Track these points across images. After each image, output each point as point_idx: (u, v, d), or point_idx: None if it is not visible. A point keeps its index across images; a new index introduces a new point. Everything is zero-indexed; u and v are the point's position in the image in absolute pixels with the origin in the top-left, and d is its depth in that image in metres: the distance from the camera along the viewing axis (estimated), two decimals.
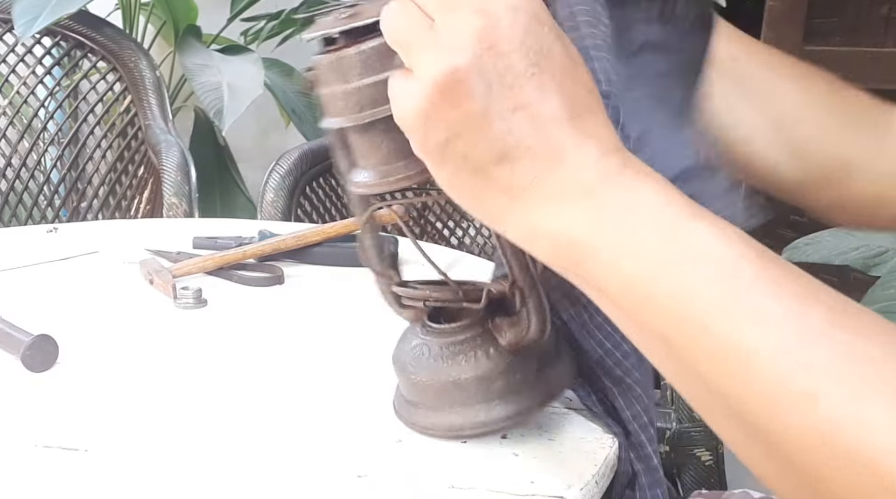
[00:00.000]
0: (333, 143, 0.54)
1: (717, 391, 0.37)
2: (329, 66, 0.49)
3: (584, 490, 0.51)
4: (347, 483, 0.51)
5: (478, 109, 0.40)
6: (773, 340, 0.35)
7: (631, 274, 0.39)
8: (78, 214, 1.58)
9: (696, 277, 0.37)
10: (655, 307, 0.39)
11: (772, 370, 0.35)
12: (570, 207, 0.40)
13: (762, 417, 0.35)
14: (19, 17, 1.52)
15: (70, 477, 0.52)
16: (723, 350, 0.36)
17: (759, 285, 0.36)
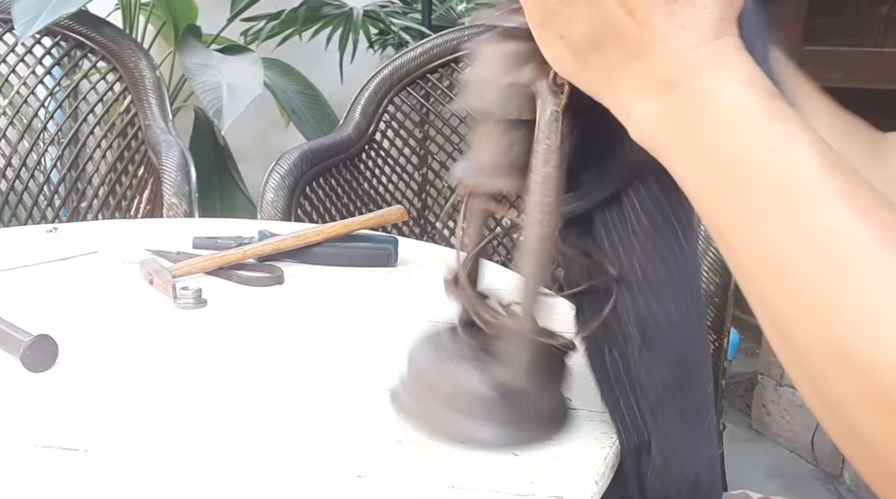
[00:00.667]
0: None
1: (753, 286, 0.39)
2: (480, 53, 0.52)
3: (584, 490, 0.51)
4: (347, 483, 0.51)
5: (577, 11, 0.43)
6: (811, 252, 0.36)
7: (698, 172, 0.41)
8: (78, 214, 1.58)
9: (755, 183, 0.38)
10: (717, 204, 0.40)
11: (806, 278, 0.36)
12: (654, 97, 0.42)
13: (787, 318, 0.37)
14: (19, 17, 1.52)
15: (70, 477, 0.52)
16: (766, 254, 0.38)
17: (816, 196, 0.37)
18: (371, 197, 1.55)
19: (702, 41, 0.41)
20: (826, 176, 0.37)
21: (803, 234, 0.37)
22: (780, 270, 0.37)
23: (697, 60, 0.41)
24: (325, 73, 2.40)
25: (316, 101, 2.34)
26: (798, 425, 2.08)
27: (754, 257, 0.39)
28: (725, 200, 0.40)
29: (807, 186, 0.37)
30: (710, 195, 0.41)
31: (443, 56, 1.60)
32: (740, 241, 0.39)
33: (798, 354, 0.37)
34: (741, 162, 0.39)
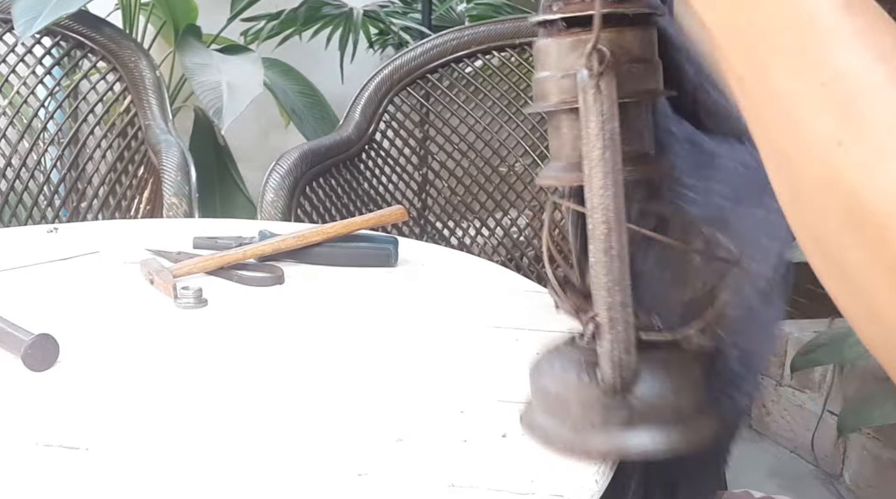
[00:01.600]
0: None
1: (767, 140, 0.39)
2: (536, 51, 0.53)
3: (584, 489, 0.51)
4: (347, 482, 0.51)
5: None
6: (825, 92, 0.36)
7: (723, 11, 0.40)
8: (78, 214, 1.58)
9: (774, 20, 0.38)
10: (738, 46, 0.40)
11: (815, 120, 0.36)
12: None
13: (788, 154, 0.37)
14: (19, 17, 1.52)
15: (71, 476, 0.52)
16: (778, 95, 0.38)
17: (834, 38, 0.36)
18: (371, 197, 1.55)
19: None
20: (847, 17, 0.36)
21: (815, 73, 0.36)
22: (792, 110, 0.37)
23: None
24: (325, 73, 2.40)
25: (316, 101, 2.35)
26: (798, 425, 2.08)
27: (769, 100, 0.38)
28: (746, 40, 0.39)
29: (825, 25, 0.37)
30: (732, 37, 0.40)
31: (443, 56, 1.60)
32: (757, 83, 0.39)
33: (800, 198, 0.37)
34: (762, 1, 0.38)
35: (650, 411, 0.50)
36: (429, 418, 0.59)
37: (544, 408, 0.54)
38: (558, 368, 0.53)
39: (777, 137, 0.38)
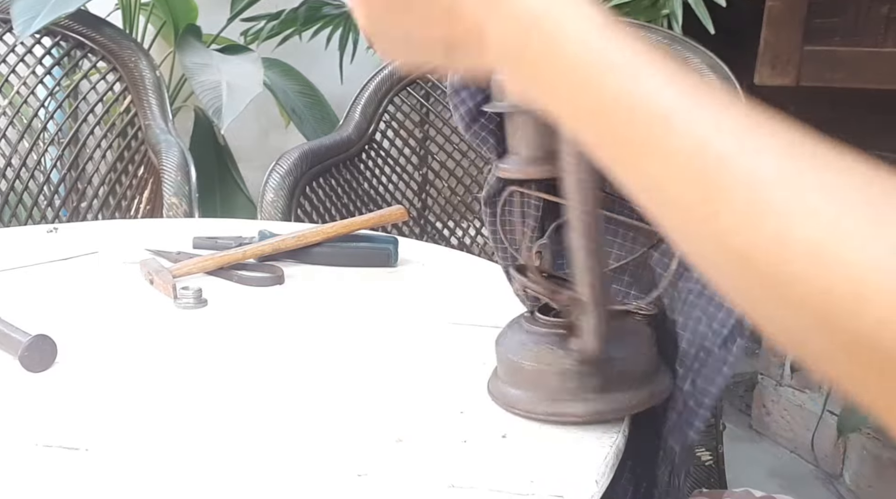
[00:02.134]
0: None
1: (650, 210, 0.40)
2: None
3: (584, 490, 0.51)
4: (347, 482, 0.51)
5: (403, 39, 0.46)
6: (685, 174, 0.37)
7: (574, 126, 0.42)
8: (78, 214, 1.58)
9: (620, 125, 0.39)
10: (597, 150, 0.41)
11: (684, 198, 0.37)
12: (513, 69, 0.43)
13: (679, 230, 0.39)
14: (18, 17, 1.52)
15: (70, 476, 0.52)
16: (647, 184, 0.39)
17: (673, 123, 0.38)
18: (371, 197, 1.55)
19: (518, 3, 0.42)
20: (676, 98, 0.39)
21: (672, 159, 0.38)
22: (662, 195, 0.38)
23: (529, 15, 0.42)
24: (325, 73, 2.40)
25: (316, 101, 2.34)
26: (798, 425, 2.08)
27: (640, 184, 0.40)
28: (602, 144, 0.41)
29: (663, 113, 0.38)
30: (590, 142, 0.42)
31: None
32: (624, 174, 0.40)
33: (688, 247, 0.39)
34: (603, 108, 0.40)
35: (620, 375, 0.57)
36: (428, 418, 0.59)
37: (518, 382, 0.59)
38: (530, 343, 0.58)
39: (656, 213, 0.39)
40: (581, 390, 0.57)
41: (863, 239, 0.33)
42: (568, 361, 0.56)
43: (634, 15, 1.91)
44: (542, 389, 0.58)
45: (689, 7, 1.91)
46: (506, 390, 0.60)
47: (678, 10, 1.91)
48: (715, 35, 1.83)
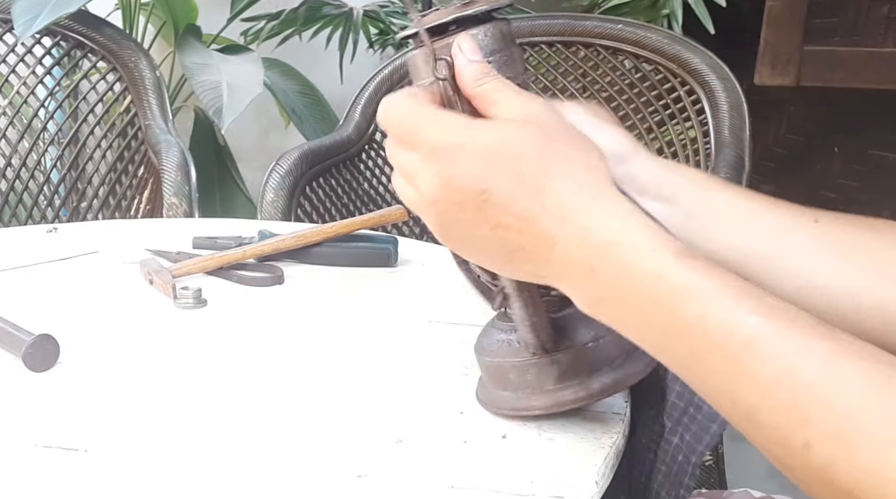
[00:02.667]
0: None
1: (741, 429, 0.42)
2: (411, 62, 0.55)
3: (584, 490, 0.51)
4: (347, 483, 0.51)
5: (470, 237, 0.48)
6: (769, 401, 0.39)
7: (648, 343, 0.45)
8: (78, 214, 1.58)
9: (698, 347, 0.42)
10: (676, 367, 0.44)
11: (772, 424, 0.39)
12: (582, 285, 0.46)
13: (776, 458, 0.41)
14: (18, 17, 1.52)
15: (70, 477, 0.52)
16: (734, 407, 0.41)
17: (754, 348, 0.40)
18: (371, 197, 1.55)
19: (592, 220, 0.45)
20: (755, 325, 0.40)
21: (753, 384, 0.40)
22: (750, 419, 0.41)
23: (597, 240, 0.45)
24: (325, 73, 2.40)
25: (316, 101, 2.34)
26: None
27: (726, 407, 0.42)
28: (681, 362, 0.44)
29: (742, 339, 0.40)
30: (666, 359, 0.45)
31: None
32: (707, 393, 0.43)
33: (791, 476, 0.41)
34: (679, 330, 0.42)
35: (578, 363, 0.55)
36: (428, 418, 0.59)
37: (490, 380, 0.59)
38: (494, 341, 0.58)
39: (750, 434, 0.41)
40: (539, 382, 0.56)
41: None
42: (524, 354, 0.56)
43: (634, 15, 1.91)
44: (506, 385, 0.58)
45: (689, 7, 1.91)
46: (485, 391, 0.60)
47: (678, 10, 1.91)
48: (715, 35, 1.83)
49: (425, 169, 0.48)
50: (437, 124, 0.48)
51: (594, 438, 0.56)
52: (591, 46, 1.48)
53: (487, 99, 0.49)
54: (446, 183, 0.47)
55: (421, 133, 0.48)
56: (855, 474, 0.37)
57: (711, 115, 1.35)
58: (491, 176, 0.46)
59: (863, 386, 0.38)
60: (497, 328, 0.59)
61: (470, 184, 0.47)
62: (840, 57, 2.03)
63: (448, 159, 0.47)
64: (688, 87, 1.39)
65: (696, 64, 1.38)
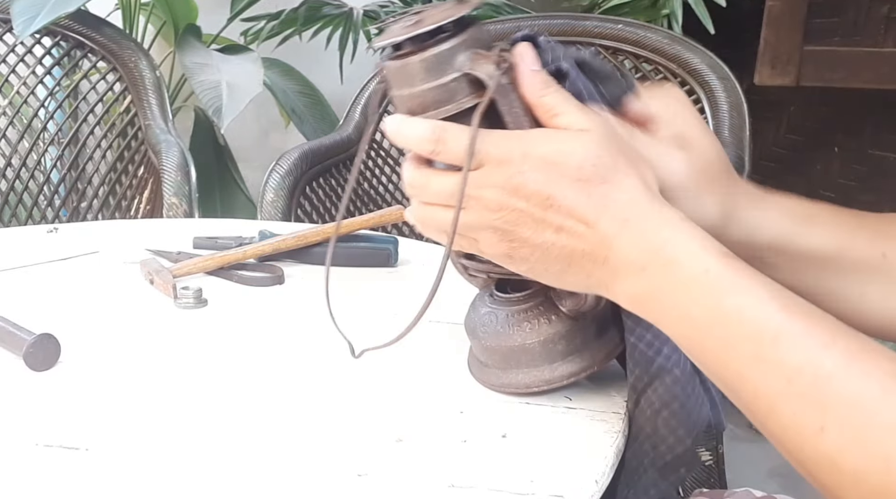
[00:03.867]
0: None
1: (755, 420, 0.46)
2: (396, 71, 0.54)
3: (584, 489, 0.51)
4: (347, 482, 0.51)
5: (531, 248, 0.51)
6: (791, 388, 0.43)
7: (684, 335, 0.49)
8: (78, 214, 1.58)
9: (733, 336, 0.46)
10: (706, 359, 0.48)
11: (790, 410, 0.43)
12: (633, 280, 0.50)
13: (789, 445, 0.44)
14: (18, 17, 1.52)
15: (71, 476, 0.52)
16: (755, 396, 0.45)
17: (782, 340, 0.44)
18: (371, 197, 1.55)
19: (650, 223, 0.49)
20: (786, 319, 0.44)
21: (778, 372, 0.43)
22: (770, 407, 0.44)
23: (654, 241, 0.49)
24: (325, 73, 2.40)
25: (316, 101, 2.34)
26: None
27: (748, 396, 0.45)
28: (712, 353, 0.47)
29: (773, 331, 0.44)
30: (698, 351, 0.49)
31: None
32: (733, 384, 0.46)
33: (800, 464, 0.44)
34: (715, 321, 0.47)
35: (568, 349, 0.59)
36: (428, 418, 0.59)
37: (501, 361, 0.61)
38: (487, 320, 0.61)
39: (766, 427, 0.45)
40: (549, 359, 0.59)
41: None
42: (532, 335, 0.59)
43: (634, 15, 1.91)
44: (510, 363, 0.60)
45: (689, 7, 1.91)
46: (480, 367, 0.63)
47: (678, 10, 1.91)
48: (715, 35, 1.83)
49: (490, 180, 0.51)
50: (497, 138, 0.51)
51: (594, 437, 0.56)
52: (591, 46, 1.48)
53: (550, 111, 0.52)
54: (513, 190, 0.50)
55: (483, 149, 0.51)
56: (863, 458, 0.39)
57: (711, 116, 1.35)
58: (555, 182, 0.50)
59: (879, 377, 0.41)
60: (488, 308, 0.61)
61: (536, 190, 0.50)
62: (840, 57, 2.03)
63: (516, 169, 0.50)
64: (688, 87, 1.39)
65: (696, 64, 1.38)
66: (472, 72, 0.52)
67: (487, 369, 0.62)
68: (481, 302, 0.62)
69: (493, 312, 0.61)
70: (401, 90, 0.54)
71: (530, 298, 0.59)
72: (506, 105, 0.52)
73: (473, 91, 0.53)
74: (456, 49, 0.52)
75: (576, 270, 0.51)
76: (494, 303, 0.61)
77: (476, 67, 0.52)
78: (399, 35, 0.52)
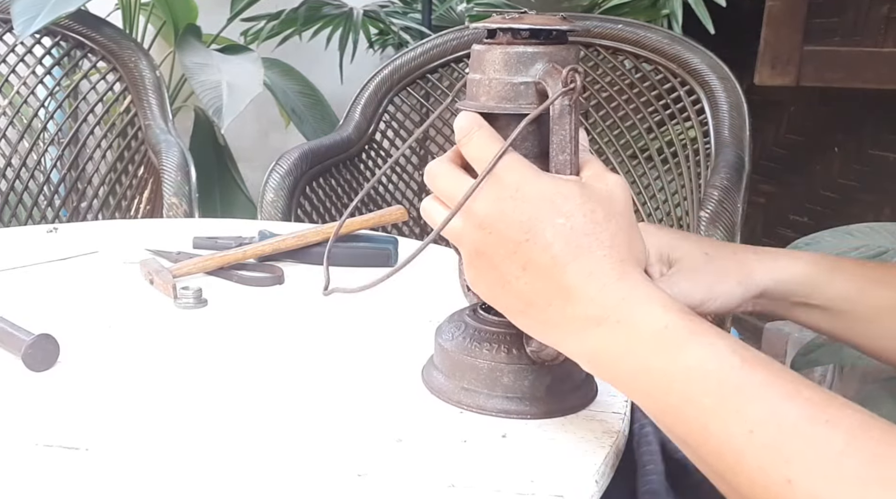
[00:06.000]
0: None
1: (722, 480, 0.45)
2: (479, 54, 0.56)
3: (584, 489, 0.51)
4: (347, 482, 0.51)
5: (497, 274, 0.52)
6: (755, 439, 0.42)
7: (643, 391, 0.48)
8: (78, 214, 1.58)
9: (694, 390, 0.45)
10: (666, 416, 0.47)
11: (756, 463, 0.42)
12: (589, 335, 0.49)
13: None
14: (18, 17, 1.52)
15: (71, 476, 0.52)
16: (719, 451, 0.44)
17: (744, 392, 0.44)
18: (371, 197, 1.55)
19: (611, 280, 0.49)
20: (747, 372, 0.44)
21: (741, 424, 0.43)
22: (736, 459, 0.43)
23: (612, 297, 0.49)
24: (325, 73, 2.40)
25: (316, 101, 2.35)
26: None
27: (712, 452, 0.44)
28: (673, 409, 0.46)
29: (734, 383, 0.44)
30: (658, 407, 0.47)
31: (443, 56, 1.60)
32: (695, 439, 0.45)
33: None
34: (675, 375, 0.46)
35: (513, 387, 0.59)
36: (429, 418, 0.59)
37: (445, 366, 0.61)
38: (466, 336, 0.61)
39: (732, 481, 0.44)
40: (490, 386, 0.59)
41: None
42: (485, 357, 0.59)
43: (634, 15, 1.91)
44: (456, 374, 0.60)
45: (689, 7, 1.91)
46: (442, 378, 0.62)
47: (678, 10, 1.91)
48: (715, 35, 1.83)
49: (487, 193, 0.52)
50: (512, 161, 0.52)
51: (594, 437, 0.56)
52: (591, 46, 1.48)
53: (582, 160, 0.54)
54: (498, 213, 0.51)
55: (501, 166, 0.52)
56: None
57: (711, 116, 1.35)
58: (539, 221, 0.50)
59: (845, 427, 0.40)
60: (476, 331, 0.61)
61: (517, 222, 0.51)
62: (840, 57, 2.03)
63: (510, 194, 0.51)
64: (688, 87, 1.39)
65: (696, 64, 1.38)
66: (542, 82, 0.54)
67: (434, 370, 0.63)
68: (464, 311, 0.64)
69: (466, 323, 0.62)
70: (475, 73, 0.57)
71: (505, 325, 0.59)
72: (557, 124, 0.53)
73: (537, 100, 0.55)
74: (538, 56, 0.54)
75: (533, 312, 0.51)
76: (472, 316, 0.62)
77: (547, 79, 0.53)
78: (496, 24, 0.55)
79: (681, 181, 1.37)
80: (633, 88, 1.45)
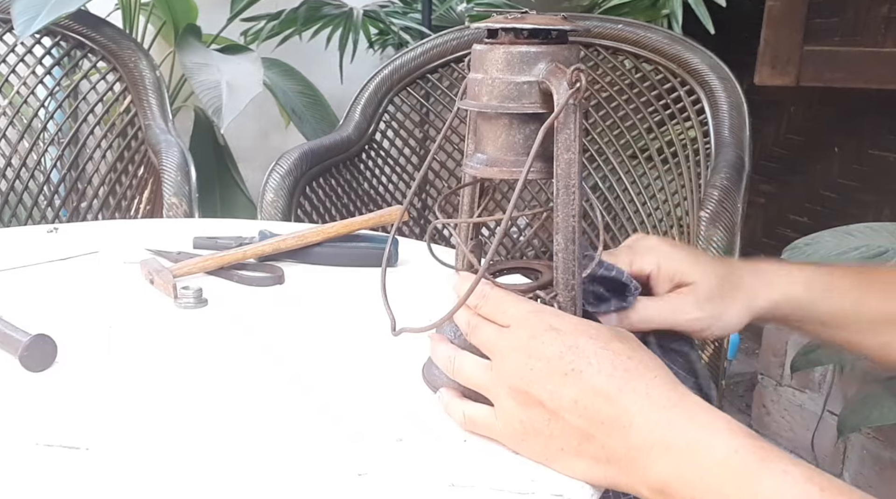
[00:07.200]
0: (468, 124, 0.62)
1: None
2: (480, 54, 0.56)
3: (584, 488, 0.51)
4: (347, 482, 0.51)
5: (546, 413, 0.50)
6: None
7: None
8: (78, 214, 1.58)
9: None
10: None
11: None
12: (656, 462, 0.47)
13: None
14: (18, 17, 1.52)
15: (71, 476, 0.52)
16: None
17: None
18: (371, 197, 1.55)
19: (672, 403, 0.48)
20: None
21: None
22: None
23: (677, 420, 0.47)
24: (325, 73, 2.40)
25: (316, 101, 2.35)
26: (798, 425, 2.08)
27: None
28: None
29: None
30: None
31: (443, 56, 1.60)
32: None
33: None
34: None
35: None
36: (429, 418, 0.59)
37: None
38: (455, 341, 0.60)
39: None
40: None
41: None
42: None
43: (634, 15, 1.91)
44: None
45: (689, 7, 1.91)
46: (430, 365, 0.63)
47: (678, 10, 1.92)
48: (715, 35, 1.83)
49: (516, 333, 0.53)
50: (534, 305, 0.54)
51: None
52: (591, 46, 1.48)
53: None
54: (537, 347, 0.51)
55: (523, 311, 0.54)
56: None
57: (711, 116, 1.35)
58: (582, 350, 0.50)
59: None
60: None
61: (558, 354, 0.50)
62: (840, 57, 2.03)
63: (542, 328, 0.52)
64: (688, 87, 1.39)
65: (696, 64, 1.38)
66: (546, 82, 0.54)
67: (435, 369, 0.62)
68: None
69: None
70: (476, 73, 0.57)
71: None
72: (563, 123, 0.54)
73: (540, 100, 0.55)
74: (541, 56, 0.54)
75: (593, 448, 0.49)
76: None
77: (551, 79, 0.53)
78: (498, 24, 0.55)
79: (681, 181, 1.37)
80: (633, 88, 1.45)
